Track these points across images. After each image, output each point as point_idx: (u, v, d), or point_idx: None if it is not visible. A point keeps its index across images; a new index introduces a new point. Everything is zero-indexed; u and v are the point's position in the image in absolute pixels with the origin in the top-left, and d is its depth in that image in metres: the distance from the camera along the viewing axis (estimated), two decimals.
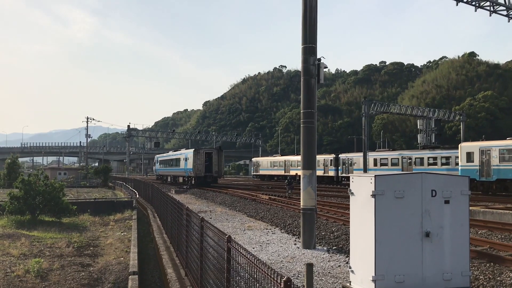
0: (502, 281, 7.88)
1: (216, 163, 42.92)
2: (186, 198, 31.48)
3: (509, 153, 28.79)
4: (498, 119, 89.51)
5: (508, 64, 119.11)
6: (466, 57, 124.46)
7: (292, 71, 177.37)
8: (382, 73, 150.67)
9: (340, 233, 13.63)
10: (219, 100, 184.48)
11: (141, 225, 21.98)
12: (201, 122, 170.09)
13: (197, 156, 42.39)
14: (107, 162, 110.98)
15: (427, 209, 6.50)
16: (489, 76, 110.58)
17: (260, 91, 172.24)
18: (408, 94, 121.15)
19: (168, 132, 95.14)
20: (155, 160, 66.04)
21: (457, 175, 6.95)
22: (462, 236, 6.66)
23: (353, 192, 6.95)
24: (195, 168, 42.09)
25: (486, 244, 11.50)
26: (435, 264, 6.47)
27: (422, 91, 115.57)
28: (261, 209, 21.28)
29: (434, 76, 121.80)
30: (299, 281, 8.27)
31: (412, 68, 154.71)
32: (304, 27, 12.08)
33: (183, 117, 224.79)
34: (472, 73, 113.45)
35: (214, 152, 43.44)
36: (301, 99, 12.44)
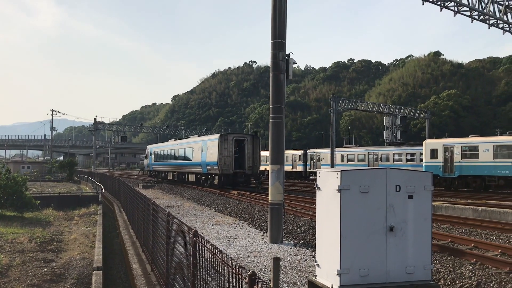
0: (461, 274, 8.12)
1: (250, 155, 30.04)
2: (153, 192, 31.15)
3: (470, 150, 29.68)
4: (461, 117, 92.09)
5: (471, 63, 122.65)
6: (431, 56, 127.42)
7: (262, 67, 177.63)
8: (350, 70, 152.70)
9: (307, 228, 13.76)
10: (189, 94, 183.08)
11: (107, 220, 21.61)
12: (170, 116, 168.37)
13: (224, 144, 29.40)
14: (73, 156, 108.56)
15: (391, 203, 6.61)
16: (453, 75, 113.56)
17: (230, 86, 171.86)
18: (375, 91, 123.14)
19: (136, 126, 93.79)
20: (147, 152, 51.12)
21: (421, 171, 7.10)
22: (424, 231, 6.81)
23: (319, 187, 7.00)
24: (221, 162, 28.95)
25: (448, 238, 11.83)
26: (398, 257, 6.60)
27: (389, 89, 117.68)
28: (229, 204, 21.26)
29: (401, 74, 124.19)
30: (265, 275, 8.30)
31: (379, 66, 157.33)
32: (273, 23, 12.09)
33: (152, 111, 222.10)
34: (437, 72, 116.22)
35: (248, 140, 30.31)
36: (270, 94, 12.47)
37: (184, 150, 37.38)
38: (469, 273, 8.14)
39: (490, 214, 16.73)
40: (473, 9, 18.23)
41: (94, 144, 78.90)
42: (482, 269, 8.50)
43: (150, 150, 49.84)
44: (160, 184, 40.29)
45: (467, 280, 7.74)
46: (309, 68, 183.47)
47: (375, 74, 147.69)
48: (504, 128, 61.09)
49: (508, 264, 8.63)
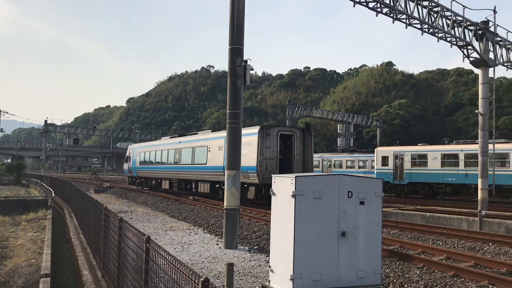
0: (409, 278, 8.39)
1: (300, 158, 22.20)
2: (106, 197, 30.39)
3: (420, 158, 30.77)
4: (411, 126, 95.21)
5: (422, 74, 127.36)
6: (384, 66, 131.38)
7: (220, 72, 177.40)
8: (306, 78, 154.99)
9: (261, 233, 13.82)
10: (144, 97, 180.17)
11: (56, 225, 20.90)
12: (124, 119, 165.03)
13: (266, 141, 21.46)
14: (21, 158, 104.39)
15: (343, 209, 6.76)
16: (404, 85, 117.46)
17: (187, 90, 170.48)
18: (330, 99, 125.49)
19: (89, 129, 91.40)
20: (128, 154, 40.37)
21: (372, 178, 7.30)
22: (375, 236, 6.99)
23: (274, 192, 7.07)
24: (261, 167, 21.07)
25: (397, 243, 12.19)
26: (350, 262, 6.75)
27: (343, 97, 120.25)
28: (184, 210, 21.05)
29: (355, 83, 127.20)
30: (219, 281, 8.28)
31: (334, 74, 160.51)
32: (231, 29, 12.13)
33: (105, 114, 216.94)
34: (389, 82, 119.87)
35: (297, 136, 22.32)
36: (227, 99, 12.49)
37: (191, 150, 28.43)
38: (416, 277, 8.42)
39: (437, 220, 17.38)
40: (424, 22, 18.95)
41: (45, 146, 76.16)
42: (429, 273, 8.81)
43: (134, 150, 39.14)
44: (113, 189, 39.31)
45: (414, 284, 8.00)
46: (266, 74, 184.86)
47: (330, 83, 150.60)
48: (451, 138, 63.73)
49: (453, 268, 9.00)
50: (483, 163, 20.04)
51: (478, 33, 20.84)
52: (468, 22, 20.56)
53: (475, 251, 11.55)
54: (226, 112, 12.76)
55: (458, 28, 20.34)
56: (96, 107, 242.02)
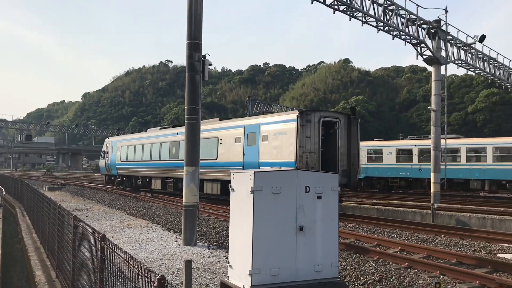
0: (365, 270, 8.59)
1: (344, 151, 18.31)
2: (60, 195, 29.54)
3: (375, 153, 31.55)
4: (367, 122, 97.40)
5: (377, 71, 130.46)
6: (341, 63, 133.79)
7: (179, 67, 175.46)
8: (266, 74, 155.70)
9: (221, 229, 13.80)
10: (100, 92, 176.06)
11: (7, 224, 20.13)
12: (79, 115, 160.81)
13: (306, 130, 17.47)
14: None
15: (301, 204, 6.82)
16: (361, 82, 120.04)
17: (145, 85, 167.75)
18: (289, 95, 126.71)
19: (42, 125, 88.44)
20: (106, 149, 35.42)
21: (329, 172, 7.40)
22: (332, 230, 7.10)
23: (233, 188, 7.06)
24: (300, 162, 17.19)
25: (354, 237, 12.46)
26: (307, 256, 6.83)
27: (302, 93, 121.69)
28: (142, 207, 20.73)
29: (313, 80, 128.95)
30: (178, 278, 8.21)
31: (293, 71, 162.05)
32: (189, 23, 12.01)
33: (60, 109, 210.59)
34: (346, 79, 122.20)
35: (341, 123, 18.33)
36: (186, 95, 12.37)
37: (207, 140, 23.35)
38: (372, 270, 8.63)
39: (392, 213, 17.88)
40: (379, 20, 19.38)
41: None
42: (384, 265, 9.05)
43: (113, 144, 34.14)
44: (68, 186, 38.24)
45: (370, 276, 8.20)
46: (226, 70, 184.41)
47: (289, 79, 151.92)
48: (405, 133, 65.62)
49: (407, 260, 9.28)
50: (435, 158, 20.75)
51: (431, 32, 21.52)
52: (422, 21, 21.20)
53: (427, 243, 11.95)
54: (185, 108, 12.63)
55: (412, 26, 20.93)
56: (50, 102, 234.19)
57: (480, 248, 11.17)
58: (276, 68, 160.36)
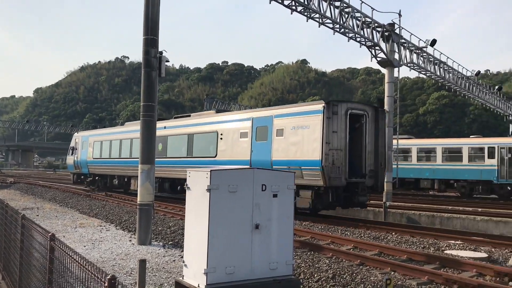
0: (319, 268, 8.73)
1: (371, 149, 16.34)
2: (9, 193, 28.40)
3: None
4: None
5: (334, 73, 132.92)
6: (299, 64, 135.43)
7: (136, 63, 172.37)
8: (224, 72, 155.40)
9: (177, 228, 13.67)
10: (53, 88, 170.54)
11: None
12: (31, 111, 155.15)
13: (333, 123, 15.24)
14: None
15: (257, 202, 6.85)
16: (317, 82, 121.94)
17: (100, 81, 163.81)
18: (248, 94, 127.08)
19: None
20: (75, 144, 32.30)
21: (285, 171, 7.47)
22: (287, 228, 7.17)
23: (189, 186, 7.01)
24: (327, 162, 14.84)
25: (309, 235, 12.64)
26: (263, 254, 6.87)
27: (260, 93, 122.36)
28: (95, 206, 20.23)
29: (271, 79, 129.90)
30: (132, 278, 8.07)
31: (251, 70, 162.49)
32: (146, 18, 11.81)
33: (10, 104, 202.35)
34: (303, 79, 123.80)
35: (368, 117, 16.33)
36: (142, 91, 12.18)
37: (186, 138, 21.15)
38: (326, 267, 8.79)
39: (346, 211, 18.26)
40: (335, 22, 19.74)
41: None
42: (337, 263, 9.24)
43: (84, 140, 30.95)
44: (18, 184, 36.80)
45: (324, 273, 8.34)
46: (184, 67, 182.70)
47: (247, 78, 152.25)
48: None
49: (359, 257, 9.51)
50: (388, 158, 21.33)
51: (385, 35, 22.11)
52: (376, 24, 21.75)
53: (379, 240, 12.28)
54: (140, 105, 12.43)
55: (367, 29, 21.44)
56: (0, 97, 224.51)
57: (429, 245, 11.57)
58: (235, 66, 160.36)
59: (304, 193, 15.46)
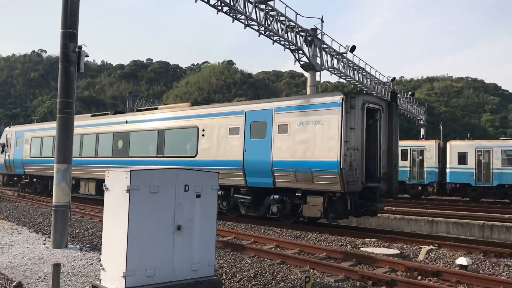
0: (241, 267, 8.80)
1: (385, 147, 14.50)
2: None
3: None
4: None
5: (259, 75, 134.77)
6: (225, 64, 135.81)
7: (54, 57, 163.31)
8: (149, 70, 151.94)
9: (95, 230, 13.16)
10: None
11: None
12: None
13: (350, 118, 13.26)
14: None
15: (180, 203, 6.77)
16: (243, 83, 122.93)
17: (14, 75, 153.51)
18: (173, 93, 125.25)
19: None
20: (6, 140, 28.61)
21: (209, 171, 7.43)
22: (210, 228, 7.15)
23: (108, 187, 6.78)
24: (345, 162, 12.84)
25: (232, 235, 12.69)
26: (184, 256, 6.79)
27: (186, 92, 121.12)
28: (6, 207, 18.95)
29: (197, 79, 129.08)
30: (45, 283, 7.65)
31: (177, 68, 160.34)
32: (64, 10, 11.25)
33: None
34: (229, 80, 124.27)
35: (383, 112, 14.50)
36: (59, 87, 11.59)
37: (156, 134, 18.24)
38: (248, 266, 8.87)
39: None
40: (261, 24, 20.04)
41: None
42: (259, 262, 9.35)
43: (18, 135, 27.21)
44: None
45: (246, 273, 8.41)
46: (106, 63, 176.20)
47: (173, 77, 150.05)
48: None
49: (280, 256, 9.70)
50: None
51: (308, 39, 22.79)
52: (300, 28, 22.35)
53: (300, 239, 12.60)
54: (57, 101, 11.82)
55: (291, 33, 21.97)
56: None
57: (346, 242, 12.06)
58: (160, 64, 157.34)
59: (314, 199, 13.54)
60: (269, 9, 20.38)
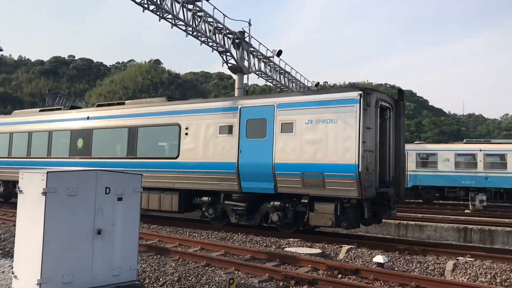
0: (165, 271, 8.65)
1: (393, 149, 13.34)
2: None
3: None
4: None
5: (187, 75, 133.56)
6: (152, 64, 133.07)
7: None
8: (71, 67, 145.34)
9: (8, 236, 12.35)
10: None
11: None
12: None
13: (366, 117, 11.86)
14: None
15: (100, 206, 6.56)
16: (171, 84, 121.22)
17: None
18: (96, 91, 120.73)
19: None
20: None
21: (131, 173, 7.24)
22: (132, 232, 6.99)
23: (22, 190, 6.42)
24: (362, 165, 11.51)
25: (156, 238, 12.45)
26: (105, 261, 6.58)
27: (110, 91, 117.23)
28: None
29: (122, 77, 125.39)
30: None
31: (101, 66, 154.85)
32: None
33: None
34: (156, 79, 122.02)
35: (392, 111, 13.37)
36: None
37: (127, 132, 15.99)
38: (172, 270, 8.73)
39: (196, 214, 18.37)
40: (188, 24, 19.87)
41: None
42: (183, 265, 9.24)
43: None
44: None
45: (170, 276, 8.28)
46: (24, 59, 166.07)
47: (96, 74, 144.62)
48: None
49: (205, 258, 9.65)
50: None
51: (236, 42, 22.93)
52: (228, 31, 22.44)
53: (226, 241, 12.62)
54: None
55: (219, 34, 22.00)
56: None
57: (271, 243, 12.23)
58: (83, 61, 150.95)
59: (324, 206, 12.16)
60: (197, 9, 20.25)
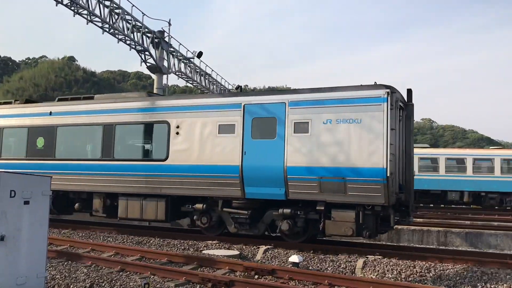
0: (76, 278, 8.28)
1: (402, 151, 12.22)
2: None
3: None
4: None
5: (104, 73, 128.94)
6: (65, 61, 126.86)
7: None
8: None
9: None
10: None
11: None
12: None
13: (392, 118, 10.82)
14: None
15: (4, 210, 6.15)
16: (86, 82, 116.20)
17: None
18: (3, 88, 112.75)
19: None
20: None
21: (40, 175, 6.86)
22: (40, 237, 6.62)
23: None
24: (391, 168, 10.68)
25: (68, 243, 11.88)
26: (9, 269, 6.18)
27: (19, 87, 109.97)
28: None
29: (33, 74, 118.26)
30: None
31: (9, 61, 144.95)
32: None
33: None
34: (71, 77, 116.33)
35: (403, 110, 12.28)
36: None
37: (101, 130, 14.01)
38: (83, 276, 8.37)
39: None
40: (105, 21, 19.21)
41: None
42: (96, 271, 8.89)
43: None
44: None
45: (81, 283, 7.94)
46: None
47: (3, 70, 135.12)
48: None
49: (120, 263, 9.36)
50: None
51: (155, 41, 22.51)
52: (147, 29, 21.97)
53: (142, 245, 12.32)
54: None
55: (137, 33, 21.47)
56: None
57: (189, 246, 12.12)
58: None
59: (343, 214, 11.00)
60: (114, 6, 19.60)
